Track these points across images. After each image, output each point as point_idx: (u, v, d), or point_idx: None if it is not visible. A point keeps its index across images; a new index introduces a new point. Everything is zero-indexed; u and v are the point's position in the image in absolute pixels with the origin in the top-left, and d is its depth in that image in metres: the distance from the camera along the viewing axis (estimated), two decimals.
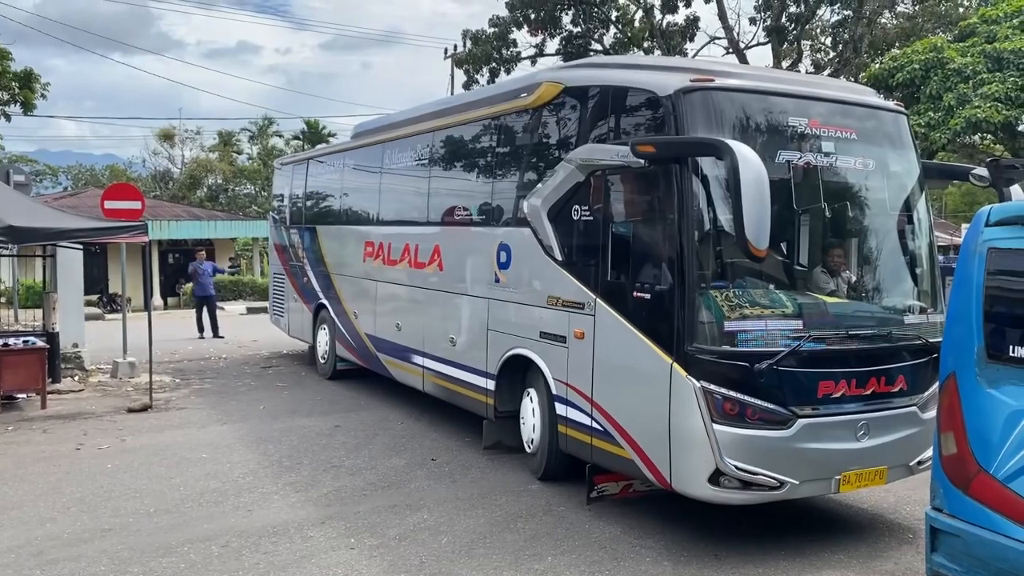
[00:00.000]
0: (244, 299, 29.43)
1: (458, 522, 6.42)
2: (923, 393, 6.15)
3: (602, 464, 6.56)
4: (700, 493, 5.70)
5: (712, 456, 5.50)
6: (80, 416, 10.24)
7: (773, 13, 25.44)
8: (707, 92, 5.84)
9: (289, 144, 48.04)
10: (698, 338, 5.57)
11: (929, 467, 6.39)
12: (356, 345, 11.56)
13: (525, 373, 7.66)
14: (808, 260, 6.37)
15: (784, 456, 5.60)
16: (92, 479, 7.51)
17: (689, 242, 5.61)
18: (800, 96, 6.17)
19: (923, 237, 6.72)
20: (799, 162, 5.98)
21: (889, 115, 6.68)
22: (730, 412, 5.51)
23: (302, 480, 7.50)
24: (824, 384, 5.68)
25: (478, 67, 26.88)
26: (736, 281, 5.74)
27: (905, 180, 6.68)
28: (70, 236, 10.55)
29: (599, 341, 6.46)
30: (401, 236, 10.08)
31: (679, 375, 5.62)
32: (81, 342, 13.48)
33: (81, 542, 5.95)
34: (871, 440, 5.87)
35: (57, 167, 54.80)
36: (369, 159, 11.34)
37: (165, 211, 30.40)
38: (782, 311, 5.75)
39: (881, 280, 6.70)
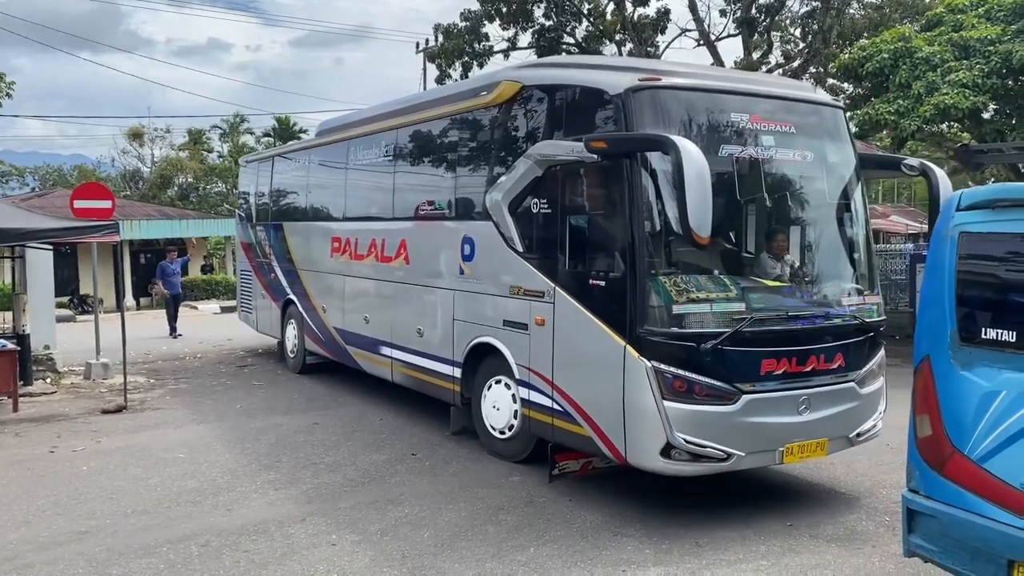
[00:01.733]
0: (217, 298, 29.17)
1: (440, 516, 6.42)
2: (860, 370, 6.60)
3: (563, 443, 6.91)
4: (653, 466, 6.06)
5: (663, 431, 5.89)
6: (53, 418, 10.10)
7: (743, 5, 25.52)
8: (654, 90, 6.22)
9: (260, 141, 47.65)
10: (649, 321, 5.94)
11: (868, 439, 6.95)
12: (325, 339, 11.73)
13: (489, 360, 7.89)
14: (752, 247, 6.84)
15: (730, 429, 6.00)
16: (67, 482, 7.41)
17: (639, 232, 5.98)
18: (742, 93, 6.55)
19: (860, 224, 7.12)
20: (741, 155, 6.37)
21: (827, 110, 7.08)
22: (679, 389, 5.91)
23: (281, 478, 7.45)
24: (766, 362, 6.08)
25: (450, 61, 26.69)
26: (684, 268, 6.13)
27: (842, 171, 7.08)
28: (39, 236, 10.39)
29: (558, 327, 6.79)
30: (368, 231, 10.33)
31: (632, 356, 6.00)
32: (53, 344, 13.30)
33: (57, 545, 5.88)
34: (812, 414, 6.28)
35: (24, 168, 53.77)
36: (334, 156, 11.53)
37: (136, 211, 30.00)
38: (726, 295, 6.11)
39: (820, 265, 7.05)
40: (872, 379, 6.81)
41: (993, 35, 13.97)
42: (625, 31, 26.30)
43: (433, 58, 28.05)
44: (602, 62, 7.53)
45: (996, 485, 4.04)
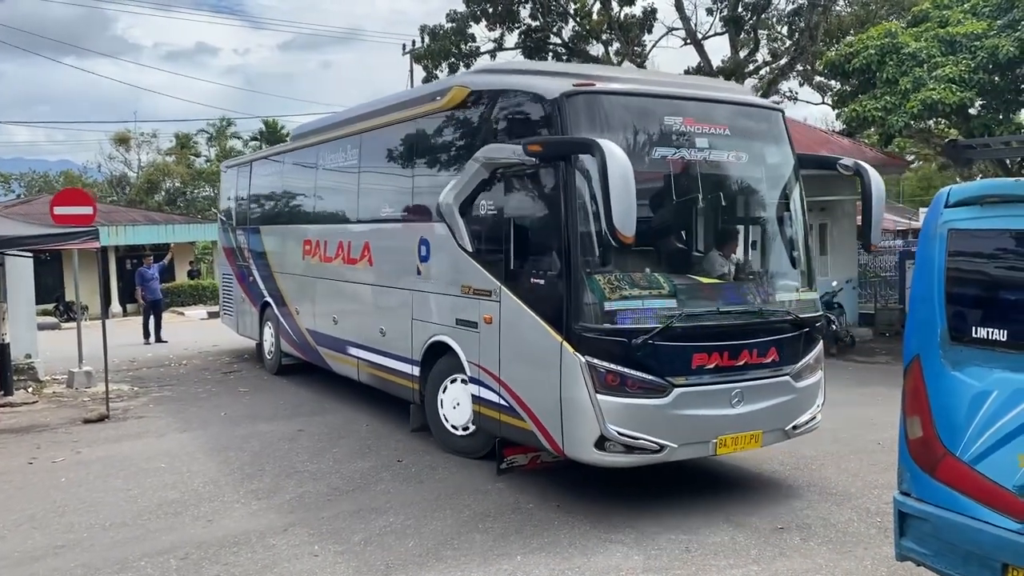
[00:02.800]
0: (205, 303, 28.94)
1: (425, 524, 6.30)
2: (796, 364, 6.78)
3: (510, 437, 7.09)
4: (588, 458, 6.23)
5: (597, 424, 6.07)
6: (33, 429, 9.94)
7: (729, 3, 25.49)
8: (587, 95, 6.43)
9: (248, 145, 47.40)
10: (583, 318, 6.13)
11: (805, 431, 7.06)
12: (298, 340, 12.00)
13: (445, 359, 8.03)
14: (688, 246, 7.05)
15: (663, 422, 6.18)
16: (45, 494, 7.27)
17: (574, 232, 6.17)
18: (675, 97, 6.75)
19: (797, 222, 7.36)
20: (674, 157, 6.55)
21: (764, 112, 7.30)
22: (612, 383, 6.08)
23: (264, 487, 7.32)
24: (698, 356, 6.26)
25: (437, 63, 26.59)
26: (620, 266, 6.30)
27: (779, 171, 7.31)
28: (17, 244, 10.24)
29: (504, 325, 6.97)
30: (335, 234, 10.58)
31: (567, 351, 6.18)
32: (34, 352, 13.12)
33: (32, 560, 5.74)
34: (745, 407, 6.46)
35: (9, 174, 53.38)
36: (305, 160, 11.80)
37: (121, 216, 29.81)
38: (659, 292, 6.31)
39: (755, 263, 7.30)
40: (809, 373, 6.97)
41: (979, 30, 13.94)
42: (612, 31, 26.26)
43: (419, 59, 27.94)
44: (545, 68, 7.72)
45: (989, 487, 3.95)
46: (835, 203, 17.54)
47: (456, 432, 8.04)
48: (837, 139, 19.26)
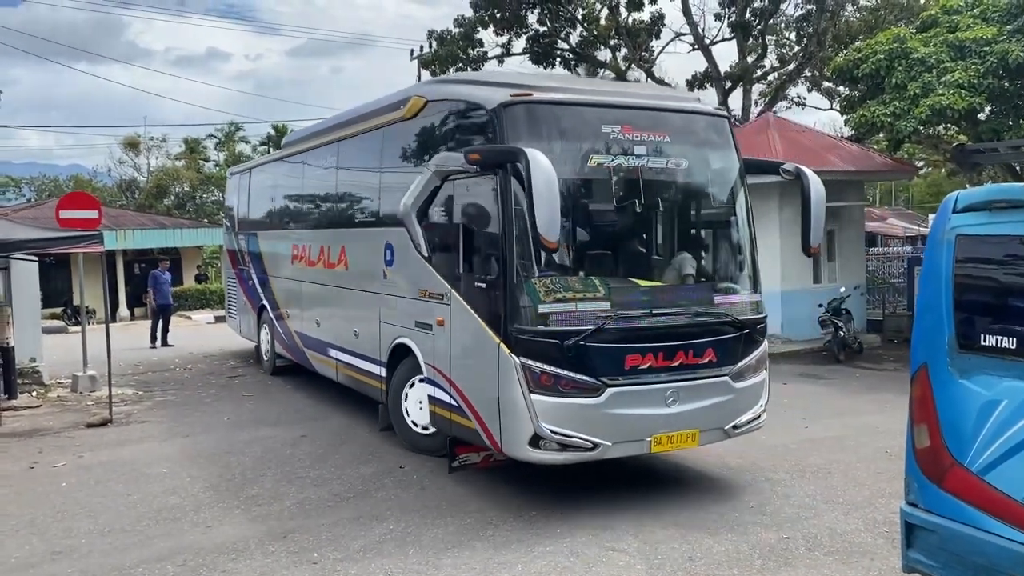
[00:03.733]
0: (212, 308, 28.96)
1: (426, 531, 6.23)
2: (735, 365, 6.90)
3: (460, 436, 7.20)
4: (523, 455, 6.39)
5: (531, 422, 6.23)
6: (36, 433, 9.92)
7: (737, 9, 25.44)
8: (524, 105, 6.62)
9: (256, 150, 47.45)
10: (518, 320, 6.32)
11: (747, 431, 6.97)
12: (288, 342, 12.41)
13: (408, 360, 8.20)
14: (627, 251, 7.18)
15: (596, 421, 6.33)
16: (45, 498, 7.23)
17: (510, 237, 6.34)
18: (614, 106, 6.91)
19: (742, 227, 7.50)
20: (611, 164, 6.72)
21: (707, 119, 7.44)
22: (546, 383, 6.25)
23: (265, 493, 7.27)
24: (631, 357, 6.42)
25: (444, 68, 26.59)
26: (554, 270, 6.51)
27: (722, 177, 7.45)
28: (21, 247, 10.23)
29: (454, 327, 7.17)
30: (318, 239, 10.95)
31: (504, 352, 6.37)
32: (39, 356, 13.12)
33: (29, 567, 5.69)
34: (681, 406, 6.60)
35: (20, 178, 53.65)
36: (293, 168, 12.25)
37: (129, 220, 29.86)
38: (593, 295, 6.47)
39: (695, 266, 7.35)
40: (750, 374, 7.08)
41: (989, 36, 13.84)
42: (619, 36, 26.23)
43: (427, 65, 27.95)
44: (492, 78, 7.83)
45: (998, 498, 3.86)
46: (842, 209, 17.43)
47: (419, 431, 8.29)
48: (845, 144, 19.15)
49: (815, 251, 7.54)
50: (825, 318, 15.20)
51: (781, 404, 10.97)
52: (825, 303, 15.39)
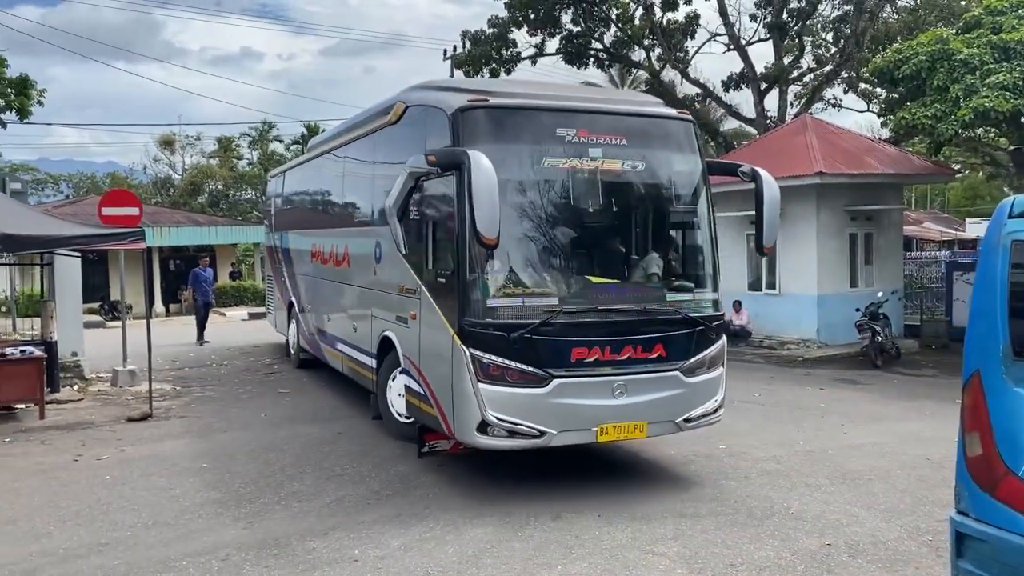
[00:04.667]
0: (246, 305, 29.28)
1: (465, 531, 6.25)
2: (686, 360, 7.16)
3: (426, 423, 7.62)
4: (472, 441, 6.77)
5: (479, 410, 6.61)
6: (79, 426, 10.08)
7: (774, 9, 25.19)
8: (480, 109, 6.97)
9: (289, 149, 47.88)
10: (469, 313, 6.68)
11: (700, 425, 7.49)
12: (309, 337, 13.10)
13: (393, 352, 8.56)
14: (581, 248, 7.34)
15: (542, 410, 6.68)
16: (90, 491, 7.35)
17: (463, 234, 6.60)
18: (569, 110, 7.23)
19: (700, 227, 7.78)
20: (564, 165, 7.07)
21: (668, 122, 7.71)
22: (494, 373, 6.63)
23: (305, 489, 7.33)
24: (577, 350, 6.75)
25: (477, 68, 26.59)
26: (504, 266, 6.81)
27: (682, 178, 7.73)
28: (66, 244, 10.38)
29: (422, 320, 7.56)
30: (330, 238, 11.49)
31: (457, 344, 6.73)
32: (80, 351, 13.34)
33: (77, 558, 5.79)
34: (629, 398, 6.90)
35: (58, 175, 54.59)
36: (310, 171, 13.03)
37: (166, 217, 30.25)
38: (542, 290, 6.84)
39: (648, 264, 7.57)
40: (704, 369, 7.33)
41: None
42: (654, 36, 26.08)
43: (460, 65, 27.97)
44: (461, 84, 8.06)
45: None
46: (881, 212, 17.25)
47: (401, 420, 8.67)
48: (883, 147, 18.93)
49: (769, 251, 7.78)
50: (862, 323, 15.04)
51: (818, 409, 10.90)
52: (862, 307, 15.23)
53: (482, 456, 8.03)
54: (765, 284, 17.48)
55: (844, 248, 16.78)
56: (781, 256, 17.05)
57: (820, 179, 15.58)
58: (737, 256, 17.91)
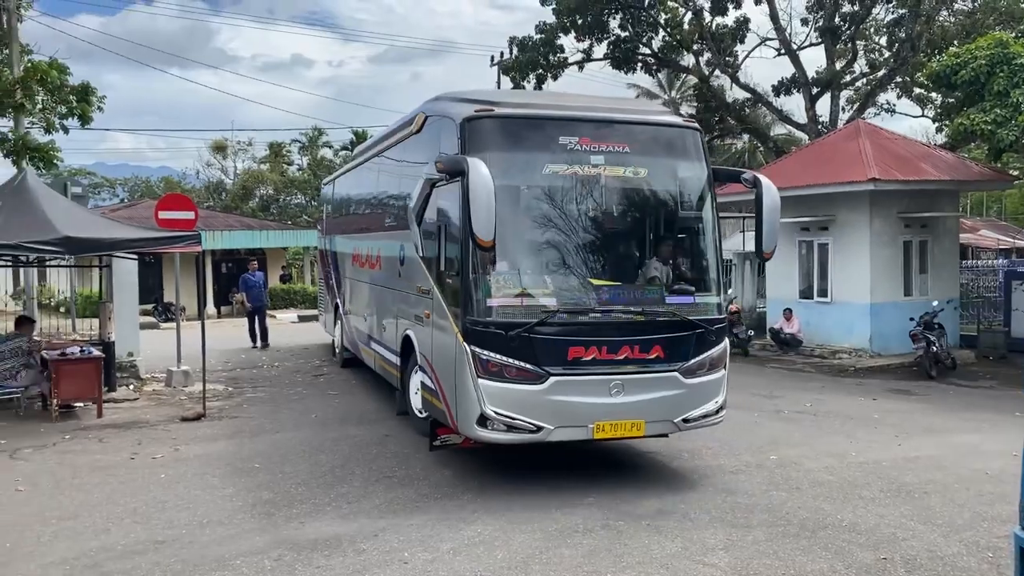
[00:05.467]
0: (296, 307, 29.69)
1: (514, 536, 6.26)
2: (685, 362, 7.36)
3: (436, 417, 7.96)
4: (473, 434, 7.13)
5: (478, 404, 6.95)
6: (135, 425, 10.32)
7: (826, 13, 24.85)
8: (485, 119, 7.33)
9: (338, 154, 48.46)
10: (471, 312, 7.03)
11: (700, 425, 7.66)
12: (349, 337, 13.79)
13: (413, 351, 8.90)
14: (582, 251, 7.51)
15: (539, 406, 6.97)
16: (146, 489, 7.52)
17: (467, 237, 6.80)
18: (572, 119, 7.52)
19: (703, 232, 7.93)
20: (565, 172, 7.32)
21: (671, 129, 7.98)
22: (493, 370, 6.96)
23: (354, 491, 7.41)
24: (574, 349, 7.04)
25: (524, 74, 26.65)
26: (506, 267, 7.12)
27: (686, 184, 7.92)
28: (125, 246, 10.65)
29: (434, 319, 7.91)
30: (366, 241, 12.10)
31: (459, 341, 7.09)
32: (136, 351, 13.65)
33: (135, 554, 5.92)
34: (625, 397, 7.14)
35: (114, 179, 56.04)
36: (354, 177, 13.71)
37: (218, 221, 30.82)
38: (541, 291, 7.12)
39: (648, 268, 7.75)
40: (704, 371, 7.50)
41: None
42: (703, 41, 25.90)
43: (507, 71, 28.10)
44: (473, 95, 8.14)
45: None
46: (936, 220, 16.88)
47: (420, 415, 8.91)
48: (939, 153, 18.53)
49: (768, 256, 7.83)
50: (917, 332, 14.72)
51: (871, 420, 10.70)
52: (917, 317, 14.91)
53: (524, 460, 8.19)
54: (816, 292, 17.23)
55: (898, 256, 16.46)
56: (833, 263, 16.80)
57: (874, 185, 15.32)
58: (787, 263, 17.70)
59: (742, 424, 10.25)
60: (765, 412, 11.21)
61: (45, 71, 14.08)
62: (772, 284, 18.79)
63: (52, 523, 6.58)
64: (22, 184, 10.76)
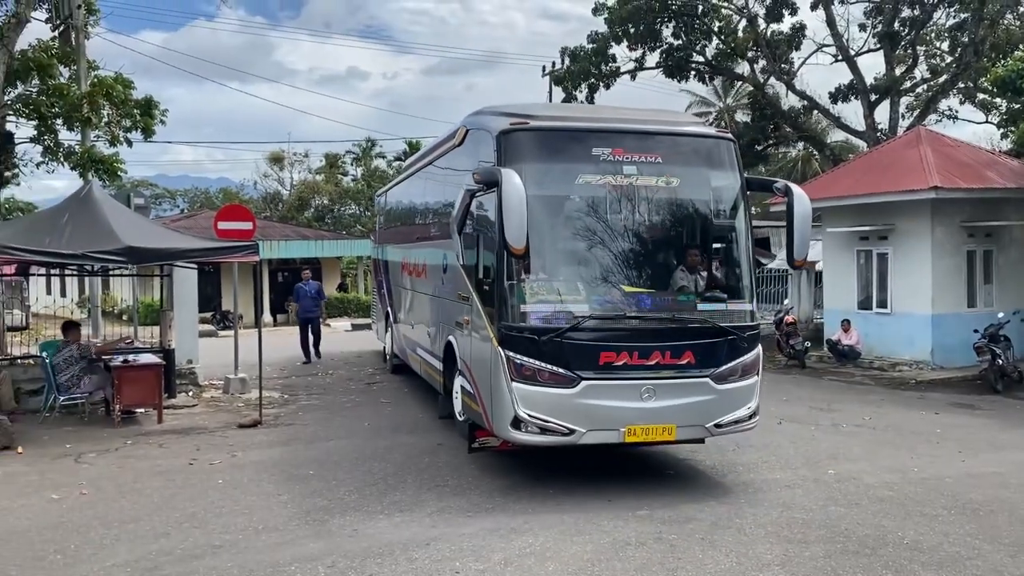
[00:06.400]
0: (349, 316, 30.06)
1: (564, 548, 6.22)
2: (717, 368, 7.47)
3: (475, 420, 8.17)
4: (508, 436, 7.35)
5: (512, 407, 7.16)
6: (194, 431, 10.54)
7: (885, 19, 24.35)
8: (520, 131, 7.57)
9: (391, 165, 49.01)
10: (505, 317, 7.29)
11: (732, 431, 7.75)
12: (398, 344, 14.27)
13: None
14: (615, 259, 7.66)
15: (571, 409, 7.17)
16: (204, 494, 7.66)
17: (501, 246, 7.06)
18: (606, 130, 7.76)
19: (736, 240, 8.07)
20: (598, 182, 7.54)
21: (704, 140, 8.18)
22: (526, 374, 7.19)
23: (406, 499, 7.45)
24: (606, 354, 7.21)
25: (576, 84, 26.61)
26: (537, 274, 7.35)
27: (719, 193, 8.07)
28: (185, 256, 10.90)
29: (472, 325, 8.14)
30: (413, 251, 12.50)
31: (495, 346, 7.34)
32: (195, 358, 13.93)
33: (193, 558, 6.04)
34: (657, 402, 7.28)
35: (175, 191, 57.45)
36: (403, 189, 14.32)
37: (275, 231, 31.40)
38: (573, 298, 7.37)
39: (680, 275, 7.81)
40: (736, 377, 7.59)
41: None
42: (757, 48, 25.58)
43: (559, 81, 28.07)
44: (509, 109, 8.27)
45: None
46: (1002, 229, 16.39)
47: (460, 418, 9.01)
48: (1005, 160, 18.00)
49: (799, 264, 7.99)
50: (981, 345, 14.27)
51: (933, 434, 10.42)
52: (981, 329, 14.45)
53: (576, 471, 8.18)
54: (876, 303, 16.84)
55: (961, 266, 16.02)
56: (893, 274, 16.43)
57: (935, 194, 14.95)
58: (846, 273, 17.34)
59: (799, 437, 10.06)
60: (822, 425, 10.99)
61: (111, 86, 14.56)
62: (829, 295, 18.44)
63: (114, 526, 6.75)
64: (88, 195, 11.10)
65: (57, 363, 11.08)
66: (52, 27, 15.06)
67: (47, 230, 10.36)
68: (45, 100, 14.30)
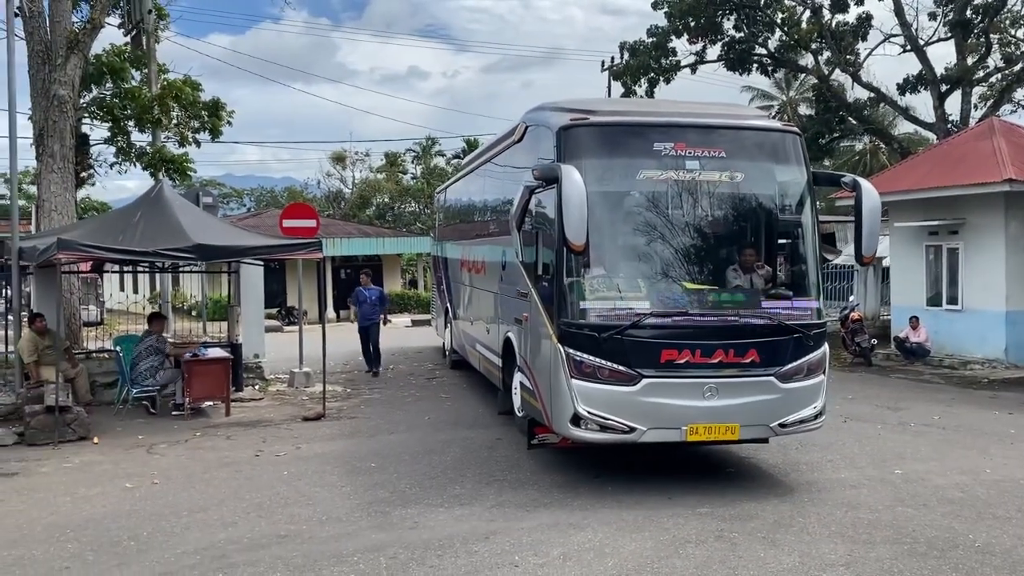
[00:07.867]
0: (409, 312, 30.39)
1: (623, 544, 6.21)
2: (782, 366, 7.31)
3: (534, 416, 8.14)
4: (567, 432, 7.33)
5: (572, 404, 7.13)
6: (260, 424, 10.80)
7: (956, 6, 23.59)
8: (580, 127, 7.51)
9: (450, 163, 49.33)
10: (565, 314, 7.26)
11: (797, 431, 7.61)
12: (457, 340, 14.42)
13: None
14: (677, 256, 7.59)
15: (632, 407, 7.10)
16: (270, 485, 7.85)
17: (561, 242, 6.98)
18: (667, 125, 7.63)
19: (802, 236, 7.92)
20: (660, 178, 7.45)
21: (769, 134, 7.99)
22: (586, 371, 7.13)
23: (466, 493, 7.53)
24: (667, 352, 7.11)
25: (636, 78, 26.38)
26: (597, 271, 7.29)
27: (783, 188, 7.92)
28: (252, 253, 11.18)
29: (532, 321, 8.16)
30: (473, 248, 12.61)
31: (555, 343, 7.32)
32: (261, 353, 14.28)
33: (259, 547, 6.20)
34: (719, 400, 7.16)
35: (242, 190, 58.74)
36: (462, 186, 14.51)
37: (337, 229, 31.91)
38: (634, 295, 7.28)
39: (743, 272, 7.63)
40: (802, 376, 7.44)
41: None
42: (822, 39, 25.03)
43: (618, 76, 27.88)
44: (569, 105, 8.15)
45: None
46: None
47: (520, 414, 9.02)
48: None
49: (868, 260, 7.81)
50: None
51: (1007, 435, 10.10)
52: None
53: (636, 468, 8.18)
54: (946, 299, 16.38)
55: None
56: (964, 269, 15.95)
57: (1009, 186, 14.46)
58: (914, 269, 16.90)
59: (865, 437, 9.85)
60: (889, 424, 10.73)
61: (180, 88, 14.98)
62: (897, 291, 17.99)
63: (184, 515, 6.97)
64: (159, 195, 11.46)
65: (139, 351, 11.48)
66: (124, 32, 15.56)
67: (120, 228, 10.73)
68: (118, 103, 14.78)
